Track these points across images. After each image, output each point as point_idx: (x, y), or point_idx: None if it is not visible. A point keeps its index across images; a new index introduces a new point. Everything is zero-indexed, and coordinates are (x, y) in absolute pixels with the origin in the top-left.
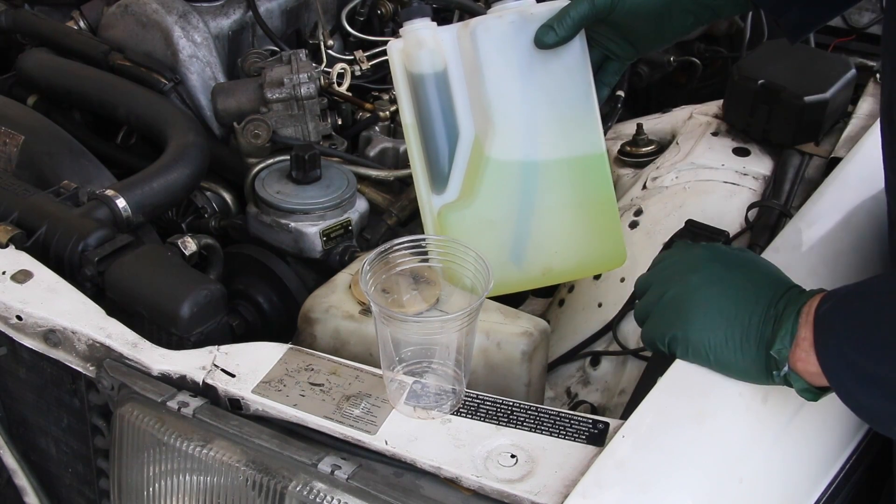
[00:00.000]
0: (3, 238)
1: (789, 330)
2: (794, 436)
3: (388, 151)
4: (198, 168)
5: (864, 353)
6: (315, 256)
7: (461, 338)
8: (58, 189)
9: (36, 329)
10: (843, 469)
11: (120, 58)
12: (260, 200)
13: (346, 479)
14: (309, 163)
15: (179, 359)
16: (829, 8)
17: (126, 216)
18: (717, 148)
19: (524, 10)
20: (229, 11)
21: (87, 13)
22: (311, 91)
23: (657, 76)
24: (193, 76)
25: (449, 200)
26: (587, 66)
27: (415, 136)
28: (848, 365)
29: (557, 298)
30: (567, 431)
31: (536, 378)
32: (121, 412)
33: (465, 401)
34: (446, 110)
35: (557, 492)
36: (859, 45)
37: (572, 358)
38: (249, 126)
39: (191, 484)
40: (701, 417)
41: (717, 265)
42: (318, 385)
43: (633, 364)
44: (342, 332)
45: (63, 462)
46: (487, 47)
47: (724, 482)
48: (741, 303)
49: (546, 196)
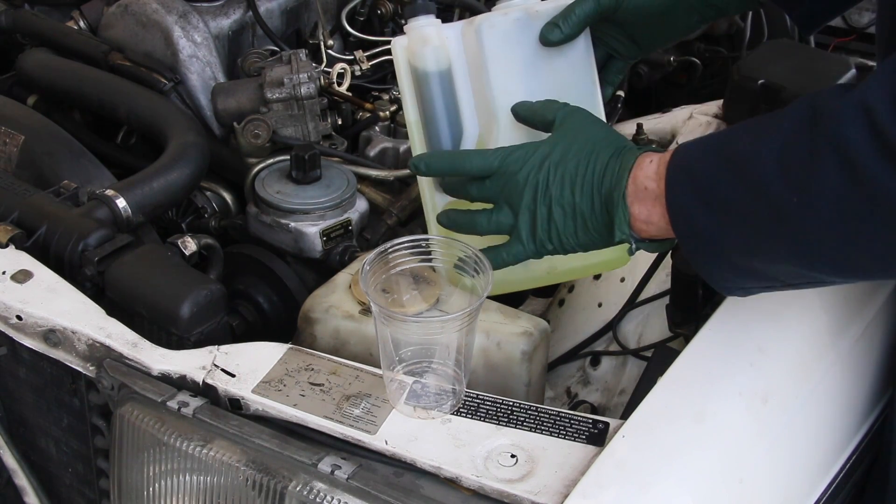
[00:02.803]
0: (3, 238)
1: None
2: (794, 436)
3: (388, 151)
4: (198, 168)
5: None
6: (315, 256)
7: (461, 338)
8: (58, 189)
9: (36, 329)
10: (843, 469)
11: (120, 58)
12: (260, 200)
13: (346, 478)
14: (309, 163)
15: (179, 359)
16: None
17: (126, 216)
18: None
19: (529, 8)
20: (229, 11)
21: (87, 13)
22: (311, 91)
23: (657, 76)
24: (193, 76)
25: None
26: (592, 64)
27: (418, 133)
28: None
29: (557, 298)
30: (567, 431)
31: (536, 378)
32: (121, 412)
33: (465, 401)
34: (450, 108)
35: (557, 492)
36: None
37: (572, 358)
38: (249, 126)
39: (191, 484)
40: (701, 417)
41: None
42: (318, 385)
43: (633, 364)
44: (342, 332)
45: (63, 462)
46: (492, 44)
47: (724, 482)
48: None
49: None
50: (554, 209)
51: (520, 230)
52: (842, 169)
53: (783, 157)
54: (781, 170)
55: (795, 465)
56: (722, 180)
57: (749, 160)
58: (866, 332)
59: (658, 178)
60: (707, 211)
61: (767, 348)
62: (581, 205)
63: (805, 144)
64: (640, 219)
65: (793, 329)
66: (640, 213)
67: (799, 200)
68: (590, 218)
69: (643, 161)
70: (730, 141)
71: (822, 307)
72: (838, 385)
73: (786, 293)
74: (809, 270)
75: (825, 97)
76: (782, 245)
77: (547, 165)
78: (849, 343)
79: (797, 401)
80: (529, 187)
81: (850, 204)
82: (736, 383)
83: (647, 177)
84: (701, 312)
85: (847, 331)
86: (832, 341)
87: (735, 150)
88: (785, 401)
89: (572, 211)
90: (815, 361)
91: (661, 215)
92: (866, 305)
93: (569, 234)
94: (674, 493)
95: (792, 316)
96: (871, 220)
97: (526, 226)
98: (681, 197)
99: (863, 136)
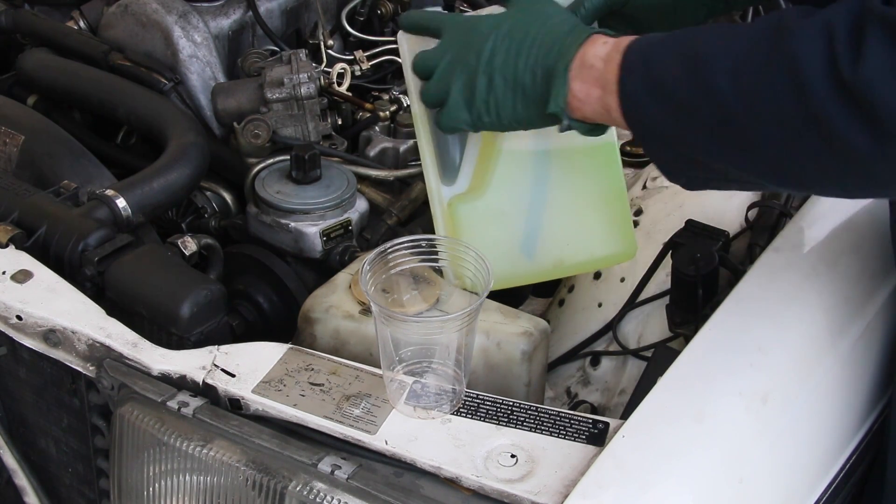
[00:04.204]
0: (3, 238)
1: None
2: (794, 436)
3: (388, 151)
4: (198, 168)
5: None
6: (315, 256)
7: (461, 338)
8: (58, 189)
9: (36, 329)
10: (843, 469)
11: (120, 58)
12: (260, 200)
13: (346, 478)
14: (309, 163)
15: (179, 359)
16: None
17: (126, 216)
18: None
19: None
20: (229, 11)
21: (87, 13)
22: (311, 91)
23: None
24: (193, 76)
25: (459, 191)
26: None
27: (424, 126)
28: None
29: (557, 298)
30: (567, 431)
31: (536, 378)
32: (121, 412)
33: (465, 401)
34: None
35: (557, 492)
36: None
37: (572, 358)
38: (249, 126)
39: (191, 484)
40: (701, 417)
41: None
42: (318, 385)
43: (633, 364)
44: (342, 332)
45: (63, 462)
46: None
47: (724, 482)
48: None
49: (558, 187)
50: (495, 79)
51: (456, 97)
52: (791, 85)
53: (737, 64)
54: (734, 78)
55: (795, 465)
56: (675, 76)
57: (705, 62)
58: (866, 332)
59: (607, 61)
60: (658, 103)
61: (767, 348)
62: (523, 76)
63: (762, 55)
64: (578, 96)
65: (793, 329)
66: (579, 90)
67: (746, 110)
68: (530, 89)
69: (596, 40)
70: (690, 40)
71: (822, 307)
72: (838, 385)
73: (784, 293)
74: (748, 175)
75: (792, 13)
76: (725, 147)
77: (495, 35)
78: (849, 343)
79: (797, 401)
80: (473, 53)
81: (792, 120)
82: (736, 383)
83: (595, 55)
84: (701, 312)
85: (847, 331)
86: (832, 341)
87: (694, 49)
88: (785, 401)
89: (513, 82)
90: (815, 361)
91: (598, 98)
92: (866, 305)
93: (507, 106)
94: (674, 493)
95: (792, 316)
96: (810, 139)
97: (460, 93)
98: (635, 84)
99: (817, 58)
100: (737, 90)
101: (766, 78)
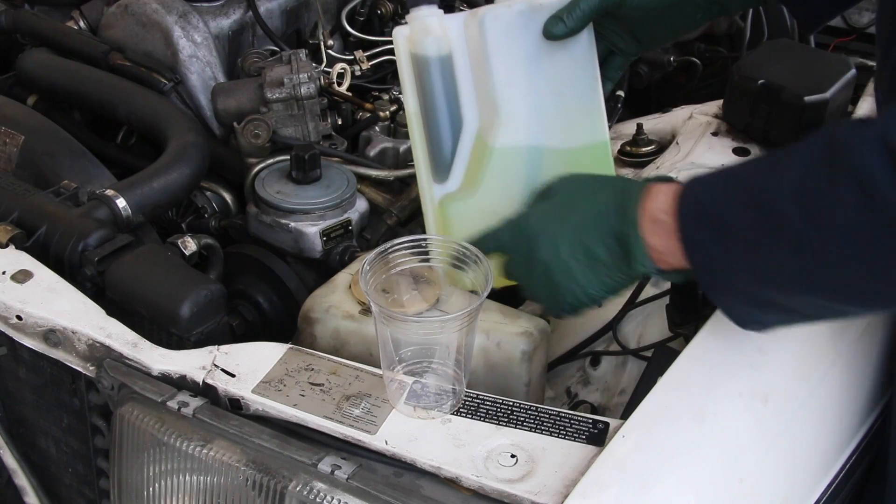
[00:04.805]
0: (3, 238)
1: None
2: (794, 436)
3: (388, 151)
4: (198, 168)
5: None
6: (315, 256)
7: (461, 338)
8: (58, 189)
9: (36, 329)
10: (843, 469)
11: (120, 58)
12: (260, 200)
13: (346, 478)
14: (309, 163)
15: (179, 359)
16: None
17: (126, 216)
18: (717, 148)
19: (533, 1)
20: (229, 11)
21: (87, 13)
22: (311, 91)
23: (657, 76)
24: (193, 76)
25: (451, 190)
26: (594, 58)
27: (418, 123)
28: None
29: None
30: (567, 431)
31: (536, 378)
32: (121, 412)
33: (465, 401)
34: (450, 98)
35: (557, 492)
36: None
37: (572, 358)
38: (249, 126)
39: (191, 484)
40: (701, 417)
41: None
42: (318, 385)
43: (633, 364)
44: (342, 332)
45: (63, 462)
46: (495, 36)
47: (724, 482)
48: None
49: None
50: (571, 265)
51: (544, 296)
52: (861, 200)
53: (800, 190)
54: (799, 202)
55: (795, 465)
56: (737, 213)
57: (765, 192)
58: (866, 332)
59: (671, 212)
60: (722, 244)
61: (767, 348)
62: (595, 250)
63: (823, 176)
64: (658, 250)
65: (793, 329)
66: (657, 244)
67: (818, 232)
68: (608, 261)
69: (654, 193)
70: (744, 174)
71: None
72: (838, 385)
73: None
74: (831, 302)
75: (842, 130)
76: (803, 277)
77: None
78: (849, 343)
79: (797, 401)
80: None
81: (869, 235)
82: (736, 383)
83: (659, 209)
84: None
85: (847, 331)
86: (832, 341)
87: (750, 182)
88: (785, 401)
89: (587, 259)
90: (815, 361)
91: (678, 248)
92: None
93: (591, 283)
94: (674, 493)
95: None
96: (890, 248)
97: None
98: (695, 231)
99: (882, 168)
100: (805, 213)
101: (834, 197)
